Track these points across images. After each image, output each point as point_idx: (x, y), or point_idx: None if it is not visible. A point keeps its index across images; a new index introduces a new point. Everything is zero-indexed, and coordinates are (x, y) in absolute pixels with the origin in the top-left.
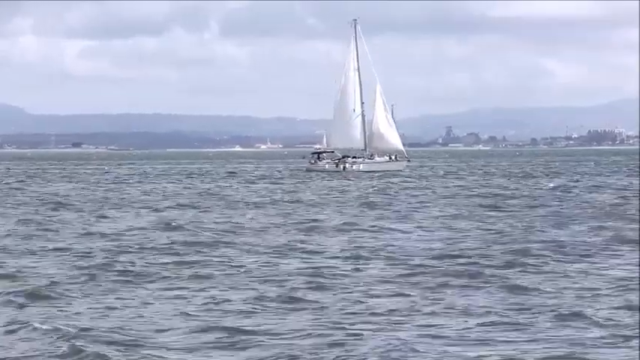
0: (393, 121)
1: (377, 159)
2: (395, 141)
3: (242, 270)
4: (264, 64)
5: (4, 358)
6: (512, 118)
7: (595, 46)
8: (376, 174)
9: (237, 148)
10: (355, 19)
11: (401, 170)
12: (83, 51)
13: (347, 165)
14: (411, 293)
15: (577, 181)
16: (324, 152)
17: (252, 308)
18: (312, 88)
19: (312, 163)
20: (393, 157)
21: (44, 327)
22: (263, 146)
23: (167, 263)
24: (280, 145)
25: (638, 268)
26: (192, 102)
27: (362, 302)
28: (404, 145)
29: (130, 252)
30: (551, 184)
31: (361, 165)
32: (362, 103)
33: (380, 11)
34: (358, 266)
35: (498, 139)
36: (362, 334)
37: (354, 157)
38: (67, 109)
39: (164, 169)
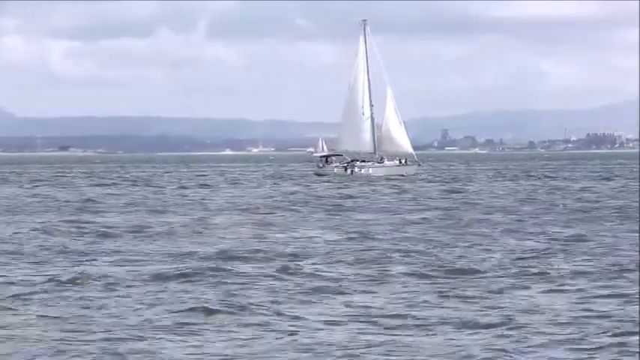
0: (403, 124)
1: (386, 163)
2: (405, 144)
3: None
4: (254, 66)
5: None
6: (510, 121)
7: (594, 46)
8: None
9: (228, 152)
10: (364, 20)
11: (412, 174)
12: (69, 52)
13: (356, 169)
14: None
15: None
16: (333, 155)
17: None
18: (305, 90)
19: (320, 167)
20: (403, 161)
21: None
22: (254, 149)
23: None
24: (272, 149)
25: (637, 266)
26: (182, 104)
27: None
28: None
29: None
30: None
31: (370, 169)
32: (371, 105)
33: (375, 12)
34: None
35: (495, 142)
36: None
37: (362, 161)
38: (53, 111)
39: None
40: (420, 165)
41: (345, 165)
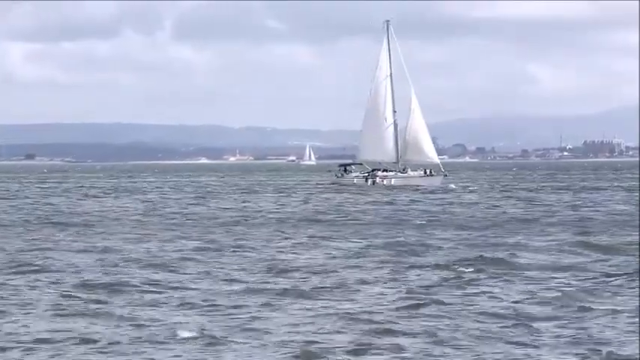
0: (428, 131)
1: (410, 173)
2: (431, 154)
3: None
4: (227, 69)
5: None
6: (502, 128)
7: (592, 48)
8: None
9: (204, 160)
10: (388, 20)
11: (438, 186)
12: (29, 54)
13: (377, 179)
14: None
15: None
16: (352, 164)
17: None
18: (284, 95)
19: (338, 177)
20: (428, 172)
21: None
22: (232, 158)
23: None
24: (251, 157)
25: (637, 269)
26: (155, 110)
27: None
28: None
29: None
30: None
31: (393, 179)
32: (394, 112)
33: (355, 13)
34: None
35: (487, 150)
36: None
37: (384, 171)
38: (17, 118)
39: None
40: (446, 176)
41: (366, 175)
